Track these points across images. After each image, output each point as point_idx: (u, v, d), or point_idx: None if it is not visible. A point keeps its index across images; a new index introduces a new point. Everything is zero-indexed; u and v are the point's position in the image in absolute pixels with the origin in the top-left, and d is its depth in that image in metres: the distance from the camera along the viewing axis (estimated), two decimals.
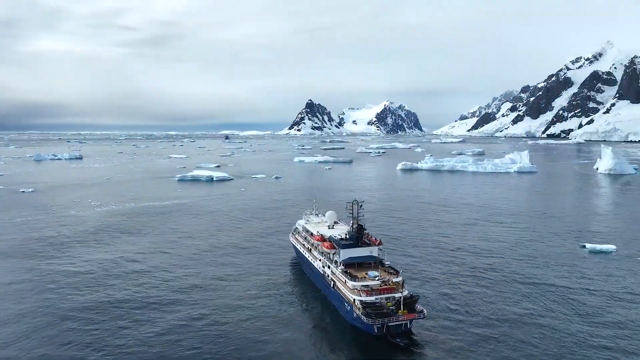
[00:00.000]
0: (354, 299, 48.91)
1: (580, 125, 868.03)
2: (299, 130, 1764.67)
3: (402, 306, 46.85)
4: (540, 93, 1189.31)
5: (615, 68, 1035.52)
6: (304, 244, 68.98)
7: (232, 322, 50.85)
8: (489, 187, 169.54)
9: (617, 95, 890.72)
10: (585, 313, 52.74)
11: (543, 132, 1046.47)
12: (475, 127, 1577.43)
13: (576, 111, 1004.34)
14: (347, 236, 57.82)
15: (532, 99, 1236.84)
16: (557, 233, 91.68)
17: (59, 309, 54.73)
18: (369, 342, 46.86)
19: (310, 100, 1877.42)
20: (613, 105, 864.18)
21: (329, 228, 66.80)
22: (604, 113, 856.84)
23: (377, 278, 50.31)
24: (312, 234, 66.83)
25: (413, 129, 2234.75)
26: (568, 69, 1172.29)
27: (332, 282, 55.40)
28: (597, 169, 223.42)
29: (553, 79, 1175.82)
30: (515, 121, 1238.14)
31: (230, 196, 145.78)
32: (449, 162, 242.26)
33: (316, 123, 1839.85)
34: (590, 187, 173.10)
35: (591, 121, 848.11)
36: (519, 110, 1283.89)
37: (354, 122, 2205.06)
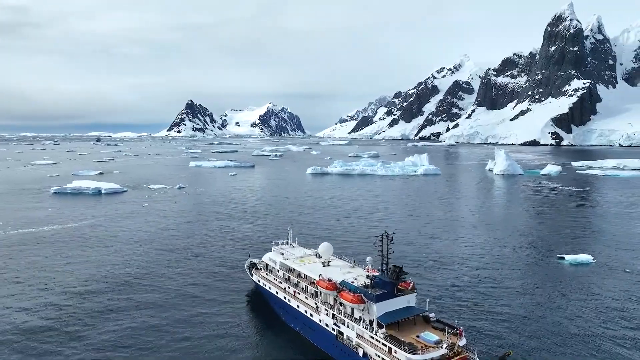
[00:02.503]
0: None
1: (448, 129, 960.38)
2: (179, 132, 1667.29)
3: None
4: (412, 99, 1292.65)
5: (472, 78, 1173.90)
6: (285, 288, 52.12)
7: None
8: (408, 191, 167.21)
9: (475, 102, 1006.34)
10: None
11: (416, 135, 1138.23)
12: (355, 129, 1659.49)
13: (442, 116, 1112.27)
14: (372, 282, 42.85)
15: (405, 104, 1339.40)
16: (528, 245, 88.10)
17: None
18: None
19: (190, 100, 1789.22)
20: (473, 111, 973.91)
21: (325, 266, 51.03)
22: (467, 118, 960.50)
23: (441, 344, 36.56)
24: (303, 275, 50.20)
25: (296, 131, 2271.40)
26: (434, 77, 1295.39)
27: (359, 349, 40.14)
28: (492, 170, 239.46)
29: (422, 86, 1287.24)
30: (391, 124, 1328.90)
31: (133, 215, 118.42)
32: (358, 166, 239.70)
33: (197, 124, 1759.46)
34: (504, 190, 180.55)
35: (456, 125, 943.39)
36: (394, 115, 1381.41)
37: (237, 123, 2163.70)
